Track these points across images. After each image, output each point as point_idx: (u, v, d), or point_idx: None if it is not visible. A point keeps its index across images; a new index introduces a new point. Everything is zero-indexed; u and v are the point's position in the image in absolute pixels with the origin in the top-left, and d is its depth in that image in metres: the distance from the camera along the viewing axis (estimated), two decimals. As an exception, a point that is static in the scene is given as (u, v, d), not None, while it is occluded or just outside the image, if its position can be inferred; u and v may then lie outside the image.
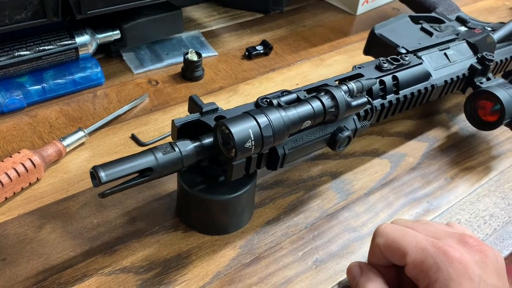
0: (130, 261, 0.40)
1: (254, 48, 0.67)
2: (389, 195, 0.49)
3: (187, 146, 0.37)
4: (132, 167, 0.34)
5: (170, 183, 0.47)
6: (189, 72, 0.61)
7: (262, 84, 0.63)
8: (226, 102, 0.59)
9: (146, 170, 0.35)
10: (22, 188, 0.44)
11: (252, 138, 0.35)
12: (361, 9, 0.81)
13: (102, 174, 0.33)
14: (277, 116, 0.37)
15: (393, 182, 0.51)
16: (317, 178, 0.50)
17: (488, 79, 0.57)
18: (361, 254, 0.43)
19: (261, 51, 0.67)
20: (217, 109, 0.41)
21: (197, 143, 0.38)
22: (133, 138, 0.52)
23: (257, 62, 0.67)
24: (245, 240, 0.43)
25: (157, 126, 0.54)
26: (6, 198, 0.43)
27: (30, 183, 0.44)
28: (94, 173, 0.33)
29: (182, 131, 0.39)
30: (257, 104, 0.41)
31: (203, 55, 0.63)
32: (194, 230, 0.43)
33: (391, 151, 0.54)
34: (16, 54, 0.51)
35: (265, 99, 0.41)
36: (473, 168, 0.53)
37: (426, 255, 0.32)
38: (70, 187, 0.45)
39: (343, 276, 0.41)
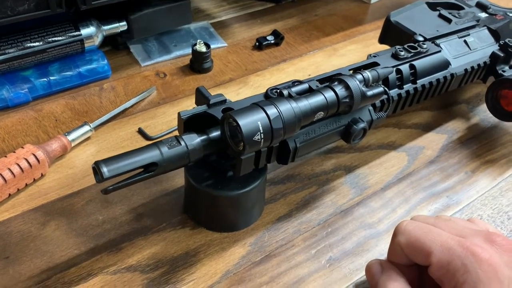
0: (136, 260, 0.38)
1: (264, 38, 0.65)
2: (406, 190, 0.47)
3: (193, 140, 0.35)
4: (136, 162, 0.33)
5: (178, 178, 0.45)
6: (198, 63, 0.59)
7: (273, 76, 0.61)
8: (236, 94, 0.57)
9: (151, 165, 0.33)
10: (26, 184, 0.43)
11: (261, 131, 0.33)
12: (375, -3, 0.79)
13: (105, 169, 0.32)
14: (287, 108, 0.35)
15: (411, 176, 0.48)
16: (331, 172, 0.48)
17: (511, 67, 0.54)
18: (378, 251, 0.41)
19: (272, 42, 0.65)
20: (225, 101, 0.39)
21: (204, 137, 0.36)
22: (140, 132, 0.50)
23: (268, 52, 0.65)
24: (255, 237, 0.41)
25: (165, 120, 0.52)
26: (9, 194, 0.42)
27: (34, 179, 0.43)
28: (96, 169, 0.32)
29: (188, 124, 0.37)
30: (266, 95, 0.39)
31: (212, 46, 0.61)
32: (202, 227, 0.41)
33: (408, 144, 0.52)
34: (20, 46, 0.50)
35: (275, 90, 0.39)
36: (495, 161, 0.51)
37: (453, 255, 0.30)
38: (75, 183, 0.44)
39: (359, 275, 0.39)
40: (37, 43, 0.51)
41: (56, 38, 0.52)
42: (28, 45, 0.51)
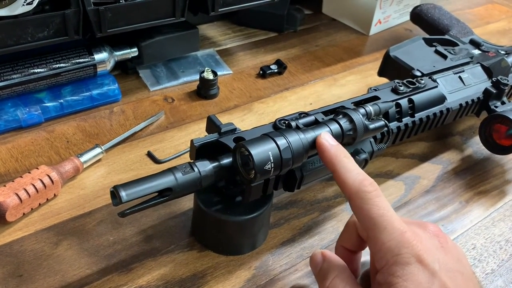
0: (146, 280, 0.40)
1: (268, 67, 0.68)
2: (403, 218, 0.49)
3: (206, 167, 0.37)
4: (152, 187, 0.35)
5: (185, 201, 0.47)
6: (205, 90, 0.61)
7: (276, 103, 0.63)
8: (241, 120, 0.59)
9: (166, 190, 0.35)
10: (39, 204, 0.44)
11: (272, 161, 0.35)
12: (374, 29, 0.82)
13: (123, 193, 0.33)
14: (296, 139, 0.37)
15: (408, 204, 0.50)
16: (332, 199, 0.50)
17: (503, 103, 0.57)
18: (377, 277, 0.43)
19: (275, 70, 0.68)
20: (235, 129, 0.41)
21: (215, 164, 0.38)
22: (149, 155, 0.52)
23: (271, 81, 0.67)
24: (260, 261, 0.43)
25: (173, 144, 0.54)
26: (24, 213, 0.43)
27: (47, 199, 0.45)
28: (114, 193, 0.34)
29: (200, 151, 0.39)
30: (275, 126, 0.42)
31: (218, 73, 0.63)
32: (209, 249, 0.43)
33: (405, 173, 0.54)
34: (36, 70, 0.52)
35: (283, 121, 0.41)
36: (488, 192, 0.53)
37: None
38: (87, 204, 0.46)
39: (359, 300, 0.40)
40: (51, 67, 0.53)
41: (70, 63, 0.54)
42: (43, 69, 0.53)
